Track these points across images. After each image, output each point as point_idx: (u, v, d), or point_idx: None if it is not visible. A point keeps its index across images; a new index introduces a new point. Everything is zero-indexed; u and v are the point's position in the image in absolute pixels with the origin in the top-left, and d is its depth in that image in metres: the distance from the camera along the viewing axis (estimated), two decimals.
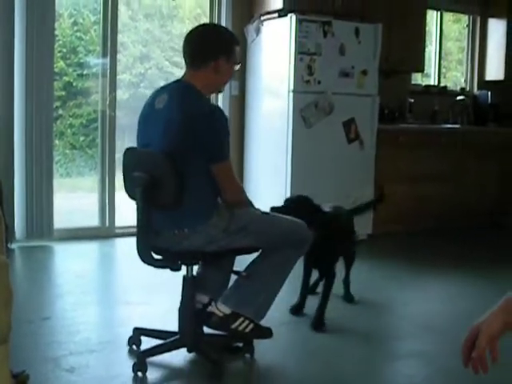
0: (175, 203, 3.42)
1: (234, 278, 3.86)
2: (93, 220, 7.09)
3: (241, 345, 3.86)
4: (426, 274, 6.00)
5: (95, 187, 7.12)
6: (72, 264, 6.07)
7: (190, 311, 3.70)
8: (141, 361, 3.54)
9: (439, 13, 9.06)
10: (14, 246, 6.33)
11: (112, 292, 5.31)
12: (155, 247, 3.57)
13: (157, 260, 3.59)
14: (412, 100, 8.50)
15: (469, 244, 7.44)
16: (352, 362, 3.86)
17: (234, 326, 3.62)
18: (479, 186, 8.23)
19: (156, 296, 4.99)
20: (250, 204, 3.78)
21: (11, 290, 2.50)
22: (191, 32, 3.73)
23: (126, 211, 7.52)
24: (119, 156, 7.53)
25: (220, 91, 4.00)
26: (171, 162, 3.37)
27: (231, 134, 6.96)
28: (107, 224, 7.06)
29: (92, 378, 3.45)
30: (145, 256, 3.52)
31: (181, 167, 3.37)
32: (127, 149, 3.74)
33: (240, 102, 7.49)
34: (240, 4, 7.37)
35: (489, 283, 5.70)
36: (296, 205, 4.28)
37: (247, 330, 3.65)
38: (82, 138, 7.70)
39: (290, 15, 6.67)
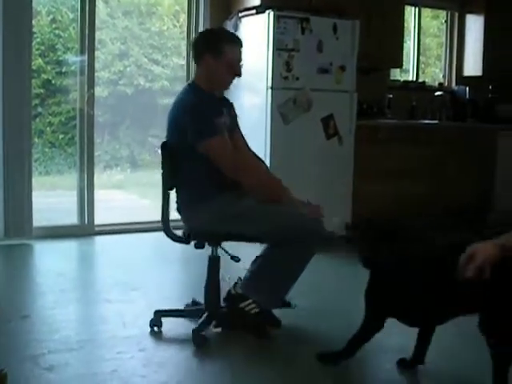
0: (170, 185, 4.05)
1: None
2: (72, 218, 7.08)
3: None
4: None
5: (74, 185, 7.10)
6: (51, 262, 6.05)
7: (214, 286, 4.14)
8: (157, 318, 4.14)
9: (417, 9, 9.09)
10: None
11: (91, 290, 5.29)
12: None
13: (177, 236, 4.09)
14: (390, 96, 8.53)
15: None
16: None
17: (241, 306, 3.99)
18: (458, 181, 8.26)
19: (135, 294, 4.99)
20: (263, 166, 4.55)
21: None
22: None
23: (105, 209, 7.57)
24: (98, 154, 7.53)
25: (223, 88, 4.39)
26: (166, 151, 4.02)
27: None
28: (86, 222, 7.04)
29: (71, 376, 3.45)
30: (167, 232, 4.05)
31: (176, 156, 3.98)
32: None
33: None
34: (218, 1, 7.36)
35: None
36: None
37: (252, 311, 3.99)
38: (61, 136, 7.70)
39: (267, 11, 6.67)
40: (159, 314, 4.18)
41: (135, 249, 6.49)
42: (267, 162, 6.67)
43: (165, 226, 4.04)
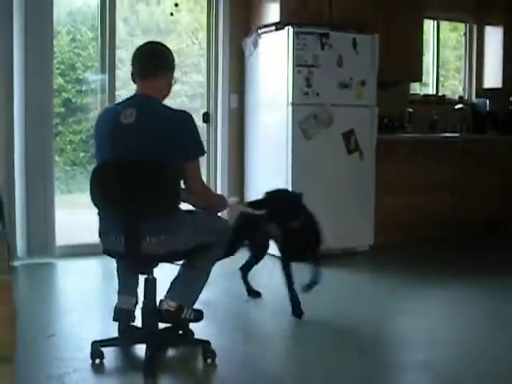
0: (169, 210, 3.70)
1: None
2: (95, 236, 7.05)
3: (181, 332, 4.25)
4: (427, 285, 5.99)
5: None
6: (75, 281, 6.07)
7: (154, 310, 3.97)
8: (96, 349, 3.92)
9: (436, 22, 9.09)
10: (16, 263, 6.33)
11: None
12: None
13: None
14: (411, 110, 8.51)
15: (470, 254, 7.43)
16: (353, 373, 3.82)
17: (183, 316, 4.02)
18: (479, 194, 8.23)
19: None
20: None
21: (15, 310, 2.50)
22: (143, 49, 4.08)
23: None
24: None
25: None
26: (164, 172, 3.65)
27: (231, 146, 7.01)
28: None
29: None
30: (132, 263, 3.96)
31: (159, 176, 3.64)
32: (105, 162, 3.83)
33: (239, 114, 7.51)
34: (237, 18, 7.39)
35: (491, 293, 5.69)
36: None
37: (192, 316, 4.08)
38: (81, 154, 7.71)
39: (287, 28, 6.69)
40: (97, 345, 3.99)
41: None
42: (289, 179, 6.70)
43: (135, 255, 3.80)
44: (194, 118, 3.86)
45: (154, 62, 3.98)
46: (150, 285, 3.93)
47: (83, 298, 5.42)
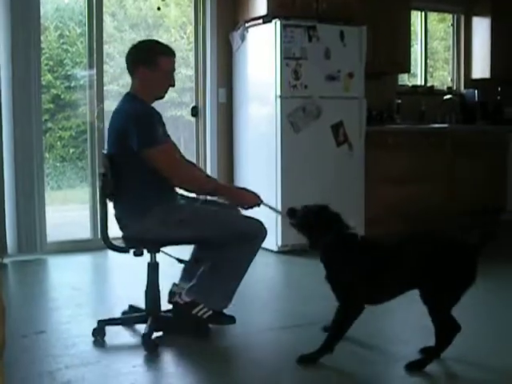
0: (115, 196, 4.14)
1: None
2: (85, 232, 7.09)
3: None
4: None
5: (86, 199, 7.12)
6: (66, 277, 6.06)
7: (155, 293, 4.25)
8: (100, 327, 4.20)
9: (423, 13, 9.10)
10: (6, 260, 6.33)
11: (106, 304, 5.30)
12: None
13: (115, 246, 4.30)
14: (399, 101, 8.53)
15: None
16: (347, 364, 3.83)
17: (194, 312, 4.11)
18: (469, 184, 8.23)
19: None
20: (204, 174, 4.58)
21: (4, 306, 2.50)
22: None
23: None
24: None
25: (159, 97, 4.29)
26: (108, 161, 4.09)
27: (220, 140, 6.99)
28: (100, 236, 7.03)
29: None
30: (106, 241, 4.29)
31: (119, 166, 4.05)
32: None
33: (228, 109, 7.51)
34: (224, 11, 7.39)
35: (485, 282, 5.68)
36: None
37: (205, 315, 4.12)
38: (71, 150, 7.69)
39: (274, 21, 6.69)
40: (103, 323, 4.28)
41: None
42: (278, 171, 6.71)
43: (103, 235, 4.30)
44: (148, 113, 4.07)
45: (127, 63, 4.23)
46: (151, 269, 4.25)
47: (74, 294, 5.41)
